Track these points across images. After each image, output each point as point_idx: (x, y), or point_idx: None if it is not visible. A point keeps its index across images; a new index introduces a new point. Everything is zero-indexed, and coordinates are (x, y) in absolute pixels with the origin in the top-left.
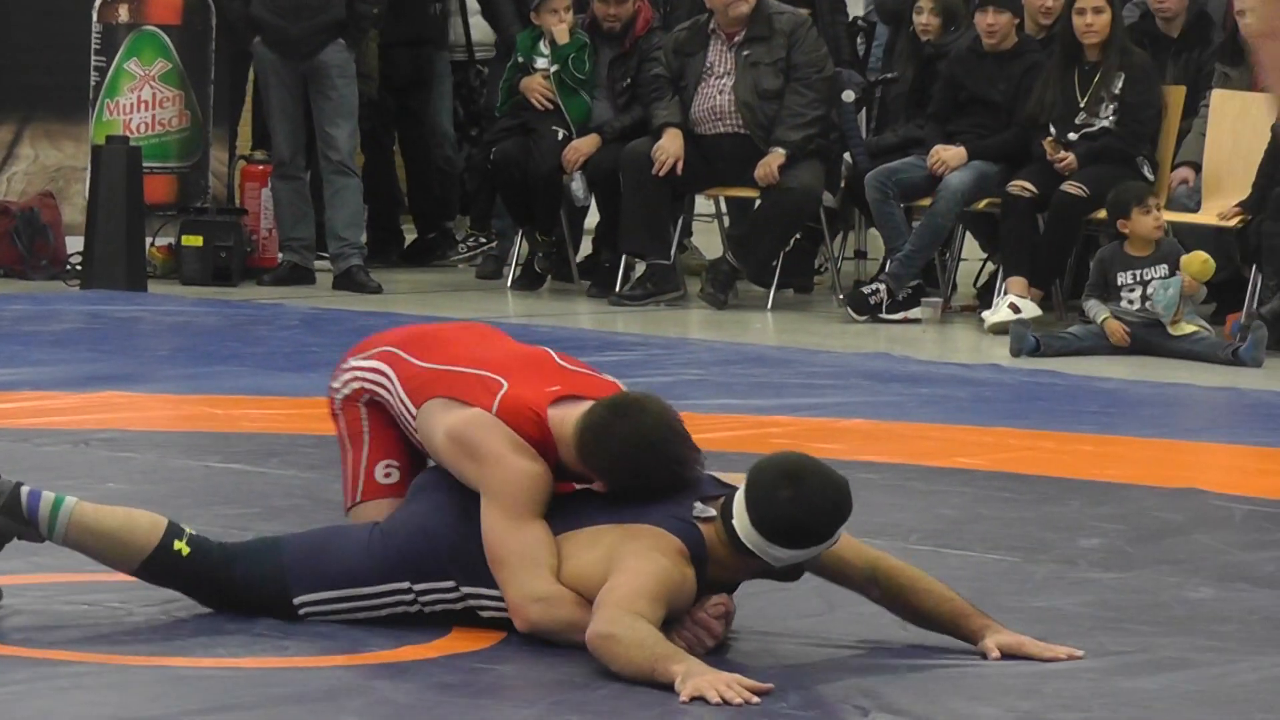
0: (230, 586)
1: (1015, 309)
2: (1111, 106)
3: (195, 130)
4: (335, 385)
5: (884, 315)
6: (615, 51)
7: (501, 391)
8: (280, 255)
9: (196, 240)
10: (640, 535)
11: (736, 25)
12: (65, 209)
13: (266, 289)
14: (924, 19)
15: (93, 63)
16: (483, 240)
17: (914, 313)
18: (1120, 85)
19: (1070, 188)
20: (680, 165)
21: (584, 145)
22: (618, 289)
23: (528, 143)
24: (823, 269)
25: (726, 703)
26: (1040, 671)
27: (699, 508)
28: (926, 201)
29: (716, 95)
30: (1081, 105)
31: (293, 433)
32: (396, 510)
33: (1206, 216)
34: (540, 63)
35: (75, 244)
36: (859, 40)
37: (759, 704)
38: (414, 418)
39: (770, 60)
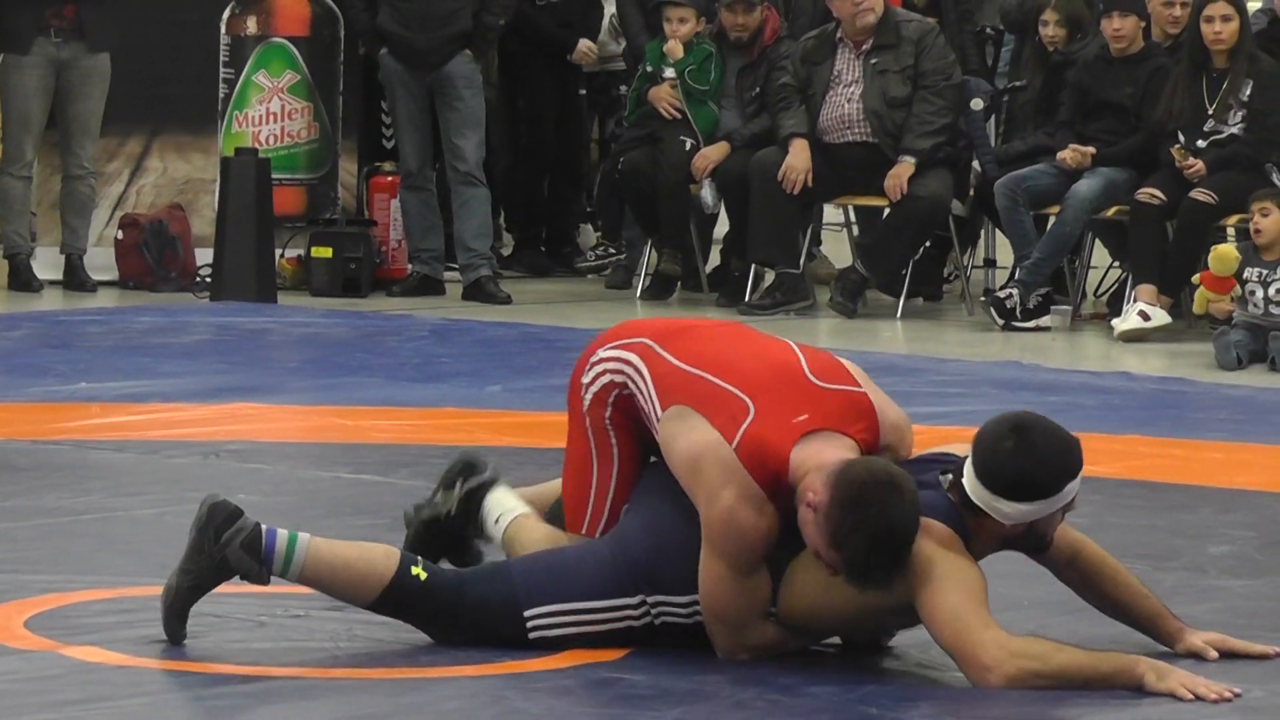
0: (462, 611)
1: (1145, 317)
2: (1240, 113)
3: (324, 142)
4: (585, 380)
5: (1017, 321)
6: (743, 61)
7: (747, 421)
8: (409, 266)
9: (326, 252)
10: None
11: (864, 34)
12: (194, 221)
13: (396, 300)
14: (1050, 30)
15: (221, 75)
16: (611, 250)
17: (1044, 320)
18: (1249, 92)
19: (1199, 195)
20: (809, 178)
21: (713, 153)
22: (747, 298)
23: (655, 152)
24: (952, 277)
25: (1200, 698)
26: None
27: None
28: (1055, 209)
29: (844, 104)
30: (1210, 112)
31: (422, 443)
32: (629, 518)
33: None
34: (668, 72)
35: (204, 256)
36: (987, 48)
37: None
38: (658, 419)
39: (898, 69)
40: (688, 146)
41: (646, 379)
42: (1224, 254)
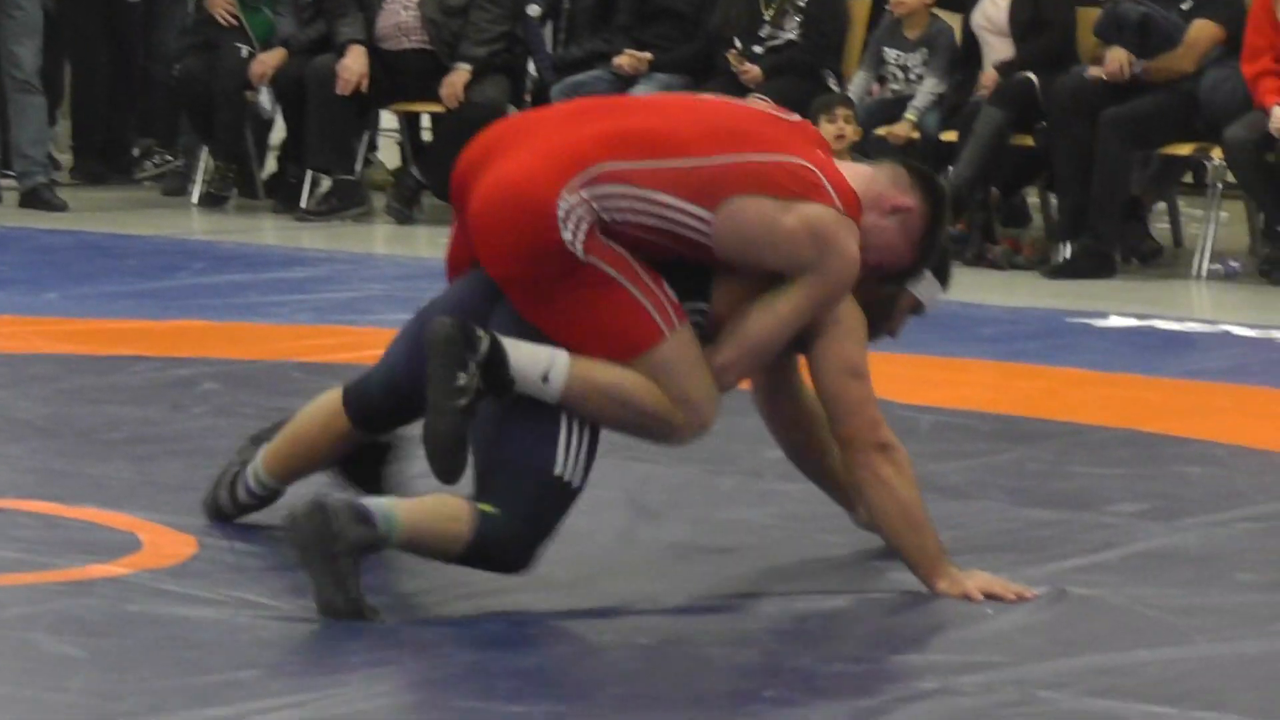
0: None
1: None
2: (797, 19)
3: None
4: (566, 237)
5: None
6: None
7: (821, 176)
8: None
9: None
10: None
11: None
12: None
13: None
14: None
15: None
16: (169, 158)
17: None
18: None
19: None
20: (365, 83)
21: (270, 59)
22: (303, 204)
23: (212, 59)
24: None
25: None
26: None
27: None
28: None
29: (401, 11)
30: (766, 18)
31: None
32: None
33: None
34: None
35: None
36: None
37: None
38: (706, 221)
39: None
40: (244, 53)
41: (653, 195)
42: None
